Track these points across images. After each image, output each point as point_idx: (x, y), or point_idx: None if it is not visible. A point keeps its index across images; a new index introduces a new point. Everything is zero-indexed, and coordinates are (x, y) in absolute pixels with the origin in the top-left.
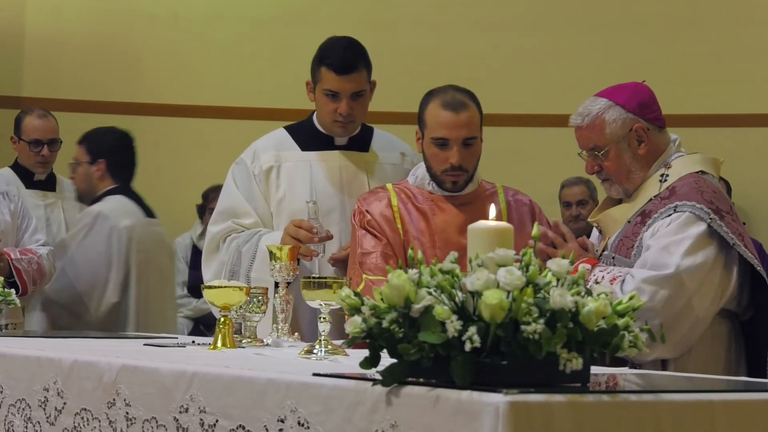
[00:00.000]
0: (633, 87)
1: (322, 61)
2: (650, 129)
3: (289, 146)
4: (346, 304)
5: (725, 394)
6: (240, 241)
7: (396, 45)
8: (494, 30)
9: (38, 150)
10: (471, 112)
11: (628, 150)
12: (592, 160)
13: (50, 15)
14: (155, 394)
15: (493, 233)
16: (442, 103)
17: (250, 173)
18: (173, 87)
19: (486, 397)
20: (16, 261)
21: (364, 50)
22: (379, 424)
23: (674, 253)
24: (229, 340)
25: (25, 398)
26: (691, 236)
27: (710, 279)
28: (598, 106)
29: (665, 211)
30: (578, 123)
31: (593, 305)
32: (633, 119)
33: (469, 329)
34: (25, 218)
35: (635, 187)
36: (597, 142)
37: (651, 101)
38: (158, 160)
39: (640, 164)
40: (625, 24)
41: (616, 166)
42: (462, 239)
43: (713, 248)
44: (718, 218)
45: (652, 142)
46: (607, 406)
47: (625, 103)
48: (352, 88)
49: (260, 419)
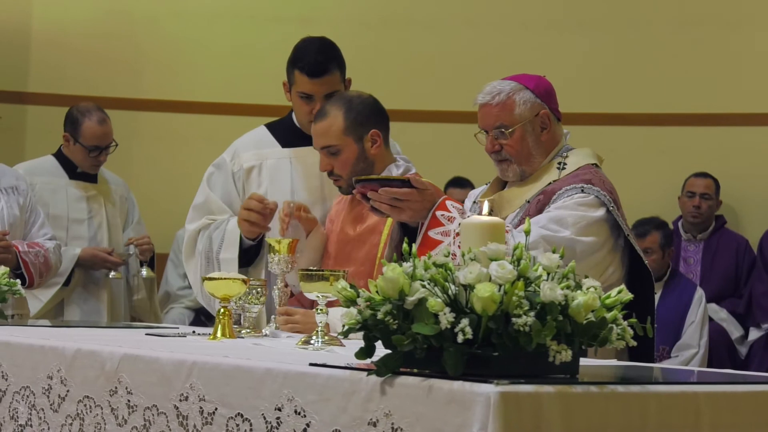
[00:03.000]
0: (537, 77)
1: (294, 64)
2: (552, 119)
3: (270, 144)
4: (341, 296)
5: (709, 386)
6: (211, 229)
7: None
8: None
9: (96, 155)
10: (328, 121)
11: (532, 133)
12: (494, 139)
13: (56, 13)
14: (156, 383)
15: (485, 228)
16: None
17: (229, 171)
18: (175, 83)
19: (477, 387)
20: (24, 253)
21: (337, 51)
22: (373, 412)
23: (572, 225)
24: (229, 331)
25: (29, 386)
26: (591, 218)
27: (595, 258)
28: (509, 86)
29: (571, 189)
30: (487, 101)
31: (582, 299)
32: (540, 105)
33: (462, 321)
34: (33, 212)
35: (532, 171)
36: (504, 121)
37: (553, 93)
38: (159, 154)
39: (540, 150)
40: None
41: (518, 146)
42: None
43: (605, 232)
44: (615, 207)
45: (553, 131)
46: (595, 397)
47: (534, 88)
48: (325, 89)
49: (258, 407)
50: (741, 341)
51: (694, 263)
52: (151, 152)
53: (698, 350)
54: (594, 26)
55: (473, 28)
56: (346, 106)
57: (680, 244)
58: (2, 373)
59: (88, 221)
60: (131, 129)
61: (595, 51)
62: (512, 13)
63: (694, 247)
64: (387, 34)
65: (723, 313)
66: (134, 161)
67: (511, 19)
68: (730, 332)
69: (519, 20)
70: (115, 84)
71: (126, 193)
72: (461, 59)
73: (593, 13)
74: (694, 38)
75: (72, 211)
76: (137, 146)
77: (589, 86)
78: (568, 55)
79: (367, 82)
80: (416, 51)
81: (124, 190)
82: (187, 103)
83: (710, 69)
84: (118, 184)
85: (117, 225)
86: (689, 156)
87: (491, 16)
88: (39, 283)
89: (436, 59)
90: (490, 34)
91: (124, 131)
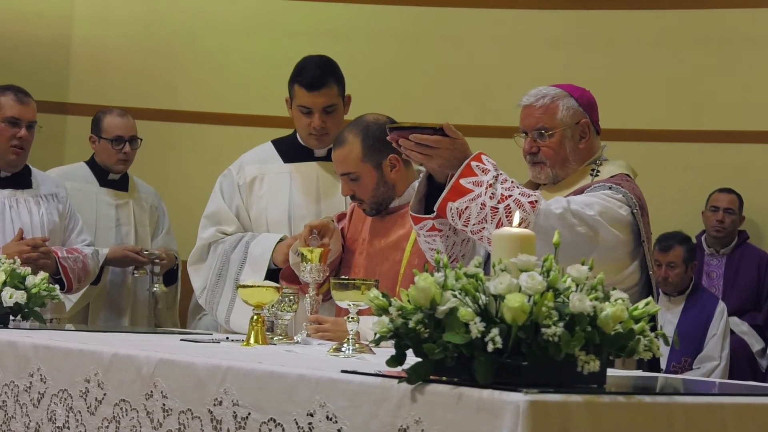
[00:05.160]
0: (582, 89)
1: (294, 79)
2: (591, 130)
3: (273, 158)
4: (374, 305)
5: (736, 398)
6: (227, 246)
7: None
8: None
9: (120, 147)
10: (347, 148)
11: (571, 140)
12: (533, 141)
13: (95, 27)
14: (191, 387)
15: (516, 239)
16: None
17: (235, 184)
18: (210, 96)
19: (507, 396)
20: (63, 259)
21: (335, 66)
22: (403, 419)
23: (599, 212)
24: (262, 337)
25: (67, 389)
26: (616, 213)
27: (614, 255)
28: (554, 91)
29: (599, 186)
30: (531, 102)
31: (611, 310)
32: (582, 113)
33: (492, 331)
34: (72, 219)
35: (565, 176)
36: (545, 123)
37: (596, 106)
38: (195, 165)
39: (576, 157)
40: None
41: (556, 150)
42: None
43: (627, 232)
44: (640, 213)
45: (591, 142)
46: (622, 407)
47: (579, 97)
48: (323, 102)
49: (290, 413)
50: (762, 354)
51: (716, 277)
52: (187, 163)
53: (720, 362)
54: (620, 44)
55: (501, 45)
56: (363, 133)
57: (703, 258)
58: (41, 375)
59: (116, 229)
60: (167, 140)
61: (622, 69)
62: (540, 31)
63: (717, 262)
64: (417, 50)
65: (744, 326)
66: (170, 172)
67: (539, 36)
68: (751, 345)
69: (547, 38)
70: (151, 96)
71: (157, 201)
72: (489, 75)
73: (620, 32)
74: (720, 57)
75: (101, 219)
76: (173, 157)
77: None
78: (594, 73)
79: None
80: (445, 66)
81: (155, 198)
82: (222, 115)
83: (735, 87)
84: (149, 193)
85: (146, 233)
86: (713, 172)
87: (519, 34)
88: (77, 288)
89: (465, 74)
90: (518, 50)
91: (161, 142)
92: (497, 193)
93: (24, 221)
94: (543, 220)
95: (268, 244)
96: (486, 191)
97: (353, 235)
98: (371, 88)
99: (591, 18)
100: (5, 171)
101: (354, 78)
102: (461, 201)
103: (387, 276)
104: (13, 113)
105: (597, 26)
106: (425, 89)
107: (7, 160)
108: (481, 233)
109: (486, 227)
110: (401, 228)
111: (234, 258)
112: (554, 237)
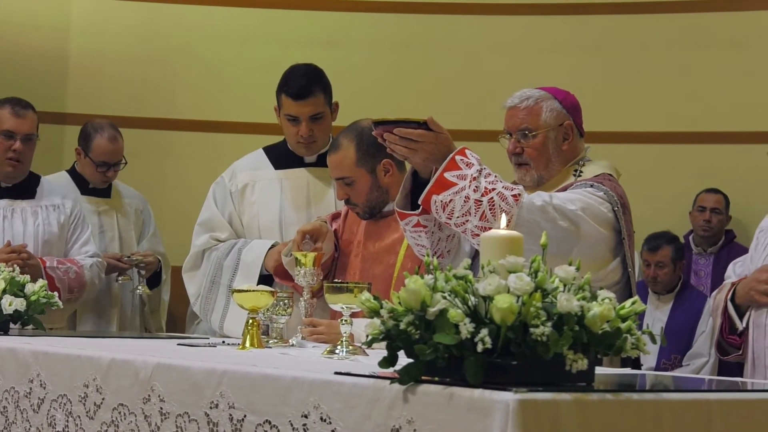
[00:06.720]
0: (566, 91)
1: (281, 89)
2: (575, 131)
3: (264, 165)
4: (365, 307)
5: (722, 394)
6: (220, 253)
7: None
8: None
9: (104, 170)
10: (341, 153)
11: (554, 141)
12: (517, 142)
13: (92, 38)
14: (188, 391)
15: (504, 241)
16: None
17: (227, 191)
18: (207, 104)
19: (497, 395)
20: (50, 269)
21: (321, 75)
22: (396, 420)
23: (581, 208)
24: (257, 341)
25: (66, 394)
26: (597, 209)
27: (596, 251)
28: (538, 93)
29: (581, 184)
30: (515, 104)
31: (598, 309)
32: (566, 115)
33: (481, 331)
34: (77, 230)
35: (549, 178)
36: (529, 124)
37: (579, 108)
38: (192, 172)
39: (559, 158)
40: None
41: (539, 151)
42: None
43: (608, 229)
44: (622, 211)
45: (574, 143)
46: (610, 404)
47: (563, 100)
48: (309, 111)
49: (285, 415)
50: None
51: (704, 276)
52: (184, 170)
53: (708, 359)
54: (608, 48)
55: (494, 51)
56: (357, 138)
57: (691, 257)
58: (41, 381)
59: (100, 236)
60: (165, 148)
61: (608, 72)
62: (532, 37)
63: (705, 261)
64: (410, 57)
65: None
66: (168, 179)
67: (527, 42)
68: None
69: (539, 43)
70: (148, 105)
71: (142, 205)
72: (482, 81)
73: (608, 36)
74: (704, 59)
75: None
76: (171, 165)
77: (603, 106)
78: (582, 76)
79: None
80: (438, 73)
81: (140, 202)
82: (219, 122)
83: (719, 89)
84: (133, 197)
85: (130, 239)
86: (700, 173)
87: (509, 40)
88: (69, 299)
89: (458, 81)
90: (510, 56)
91: (158, 150)
92: (481, 186)
93: (16, 231)
94: (526, 213)
95: (260, 251)
96: (470, 184)
97: (348, 237)
98: (365, 95)
99: (580, 23)
100: (5, 182)
101: (348, 85)
102: (445, 194)
103: (381, 279)
104: (8, 126)
105: (586, 31)
106: (418, 96)
107: (4, 172)
108: (465, 226)
109: (470, 220)
110: (395, 232)
111: (227, 264)
112: (542, 238)
